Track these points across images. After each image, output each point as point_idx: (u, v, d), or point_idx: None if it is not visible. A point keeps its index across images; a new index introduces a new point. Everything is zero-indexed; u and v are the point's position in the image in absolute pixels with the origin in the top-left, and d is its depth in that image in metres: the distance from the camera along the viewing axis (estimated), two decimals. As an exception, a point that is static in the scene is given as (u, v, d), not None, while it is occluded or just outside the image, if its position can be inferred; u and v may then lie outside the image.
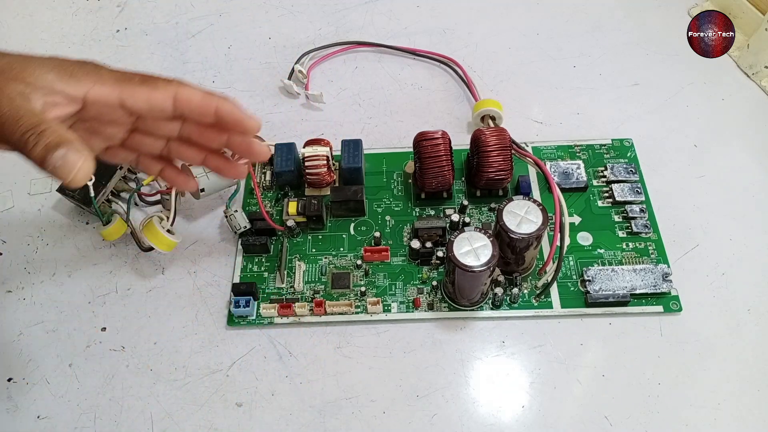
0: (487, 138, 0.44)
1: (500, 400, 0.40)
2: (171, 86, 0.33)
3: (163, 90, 0.33)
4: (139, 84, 0.33)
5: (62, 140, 0.29)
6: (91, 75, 0.32)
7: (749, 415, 0.39)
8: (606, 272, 0.42)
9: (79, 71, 0.32)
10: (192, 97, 0.33)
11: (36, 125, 0.30)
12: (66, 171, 0.29)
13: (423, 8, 0.60)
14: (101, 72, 0.32)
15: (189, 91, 0.33)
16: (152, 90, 0.33)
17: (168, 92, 0.33)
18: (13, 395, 0.41)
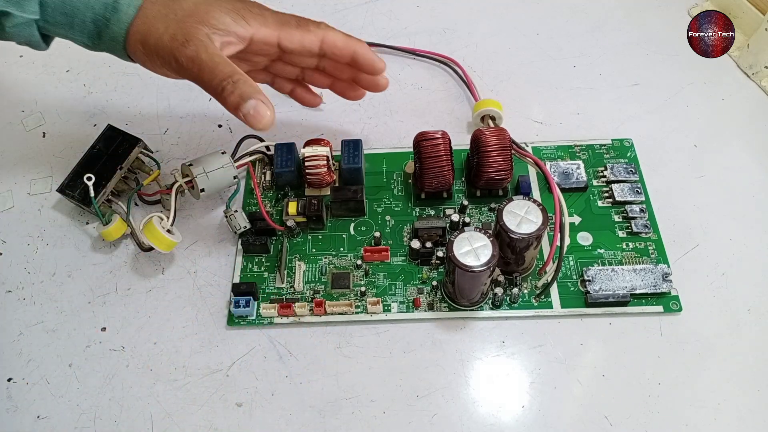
0: (487, 138, 0.44)
1: (500, 400, 0.40)
2: (320, 30, 0.39)
3: (313, 33, 0.39)
4: (295, 27, 0.38)
5: (253, 91, 0.35)
6: (258, 18, 0.37)
7: (749, 415, 0.39)
8: (606, 272, 0.42)
9: (249, 14, 0.37)
10: (337, 41, 0.39)
11: (231, 74, 0.35)
12: (256, 120, 0.36)
13: (423, 8, 0.60)
14: (266, 14, 0.38)
15: (334, 34, 0.39)
16: (305, 33, 0.39)
17: (317, 35, 0.39)
18: (13, 395, 0.41)
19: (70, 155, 0.51)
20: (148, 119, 0.53)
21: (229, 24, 0.36)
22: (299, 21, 0.39)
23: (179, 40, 0.35)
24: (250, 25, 0.37)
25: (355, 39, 0.41)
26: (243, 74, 0.36)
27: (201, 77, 0.36)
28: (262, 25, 0.38)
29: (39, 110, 0.54)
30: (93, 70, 0.57)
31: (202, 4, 0.36)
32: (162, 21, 0.36)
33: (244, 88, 0.35)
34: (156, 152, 0.51)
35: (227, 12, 0.36)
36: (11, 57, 0.58)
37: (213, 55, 0.35)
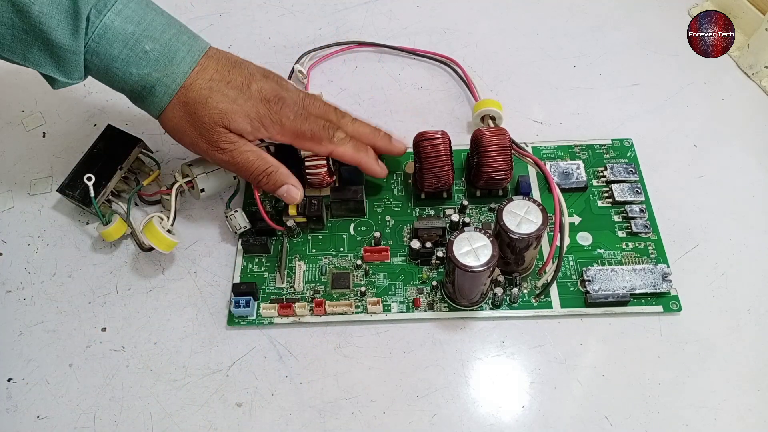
0: (487, 138, 0.44)
1: (500, 400, 0.40)
2: (331, 145, 0.43)
3: (323, 148, 0.43)
4: (309, 140, 0.42)
5: (285, 179, 0.43)
6: (275, 126, 0.41)
7: (749, 415, 0.39)
8: (606, 272, 0.42)
9: (268, 122, 0.41)
10: (344, 156, 0.44)
11: (264, 170, 0.42)
12: (289, 200, 0.43)
13: (423, 8, 0.60)
14: (284, 123, 0.41)
15: (341, 151, 0.43)
16: (316, 146, 0.43)
17: (327, 149, 0.43)
18: (13, 395, 0.41)
19: (70, 155, 0.51)
20: (148, 119, 0.53)
21: (247, 132, 0.41)
22: (314, 134, 0.42)
23: (214, 148, 0.41)
24: (267, 131, 0.41)
25: (363, 151, 0.44)
26: (274, 166, 0.42)
27: (239, 173, 0.43)
28: (277, 133, 0.42)
29: (39, 110, 0.54)
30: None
31: (227, 112, 0.40)
32: (193, 127, 0.40)
33: (276, 178, 0.42)
34: (156, 152, 0.51)
35: (248, 119, 0.40)
36: (11, 57, 0.58)
37: (246, 155, 0.41)
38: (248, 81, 0.41)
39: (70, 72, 0.38)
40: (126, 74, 0.39)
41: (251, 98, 0.40)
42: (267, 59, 0.57)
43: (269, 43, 0.58)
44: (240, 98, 0.40)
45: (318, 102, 0.44)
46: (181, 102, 0.40)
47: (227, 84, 0.40)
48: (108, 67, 0.39)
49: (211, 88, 0.40)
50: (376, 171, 0.45)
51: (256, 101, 0.40)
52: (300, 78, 0.55)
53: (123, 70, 0.39)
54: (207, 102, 0.39)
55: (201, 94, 0.39)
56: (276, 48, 0.58)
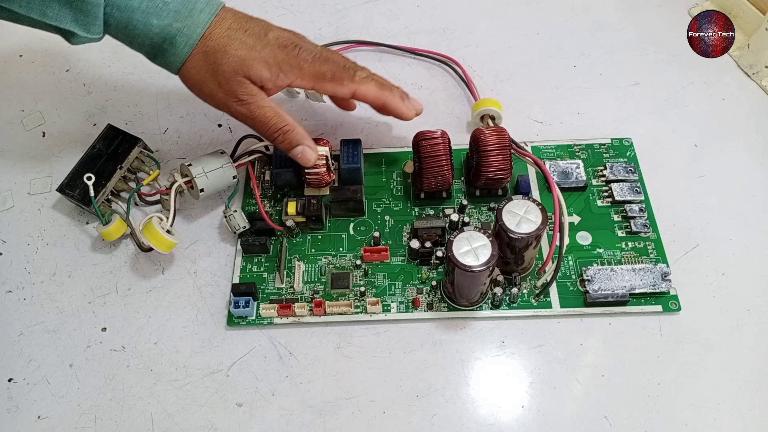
0: (487, 137, 0.44)
1: (500, 400, 0.40)
2: (353, 84, 0.42)
3: (346, 87, 0.42)
4: (329, 80, 0.42)
5: (301, 139, 0.42)
6: (294, 70, 0.41)
7: (749, 415, 0.39)
8: (605, 272, 0.42)
9: (287, 67, 0.41)
10: (368, 94, 0.43)
11: (281, 127, 0.41)
12: (303, 160, 0.43)
13: (423, 8, 0.60)
14: (303, 67, 0.41)
15: (367, 88, 0.43)
16: (338, 86, 0.42)
17: (350, 89, 0.42)
18: (13, 395, 0.41)
19: (70, 155, 0.51)
20: (148, 119, 0.53)
21: (267, 79, 0.40)
22: (335, 74, 0.42)
23: (232, 99, 0.40)
24: (287, 77, 0.41)
25: (387, 89, 0.44)
26: (291, 124, 0.42)
27: (254, 128, 0.42)
28: (297, 77, 0.41)
29: (39, 110, 0.54)
30: (93, 70, 0.57)
31: (245, 59, 0.40)
32: (213, 76, 0.40)
33: (291, 137, 0.42)
34: (156, 152, 0.51)
35: (267, 67, 0.40)
36: (11, 57, 0.58)
37: (263, 110, 0.41)
38: (265, 30, 0.41)
39: (89, 25, 0.38)
40: (147, 26, 0.39)
41: (269, 45, 0.40)
42: (267, 59, 0.57)
43: (269, 43, 0.58)
44: (258, 45, 0.40)
45: (334, 54, 0.43)
46: (201, 52, 0.40)
47: (245, 32, 0.40)
48: (129, 20, 0.39)
49: (229, 37, 0.40)
50: (402, 110, 0.44)
51: (273, 47, 0.40)
52: (300, 78, 0.55)
53: (144, 22, 0.39)
54: (226, 50, 0.39)
55: (220, 42, 0.39)
56: (276, 48, 0.58)
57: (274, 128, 0.41)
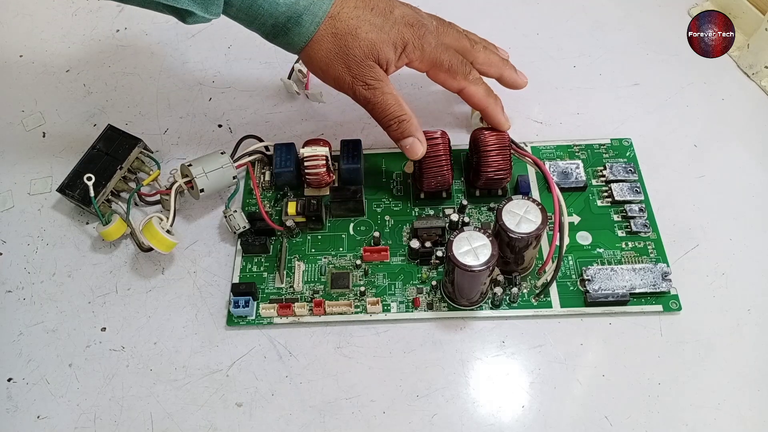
0: (487, 138, 0.44)
1: (500, 400, 0.40)
2: (465, 81, 0.43)
3: (457, 83, 0.43)
4: (445, 71, 0.42)
5: (413, 130, 0.42)
6: (416, 52, 0.41)
7: (749, 415, 0.39)
8: (605, 271, 0.42)
9: (411, 47, 0.41)
10: (474, 95, 0.44)
11: (398, 116, 0.41)
12: (411, 153, 0.42)
13: (423, 8, 0.60)
14: (425, 49, 0.41)
15: (475, 90, 0.43)
16: (449, 79, 0.43)
17: (460, 86, 0.43)
18: (13, 395, 0.41)
19: (70, 155, 0.51)
20: (148, 119, 0.53)
21: (391, 61, 0.41)
22: (452, 64, 0.42)
23: (360, 83, 0.41)
24: (408, 57, 0.42)
25: (493, 97, 0.45)
26: (408, 114, 0.42)
27: (373, 113, 0.42)
28: (417, 60, 0.42)
29: (39, 110, 0.54)
30: (93, 70, 0.57)
31: (376, 42, 0.40)
32: (342, 60, 0.40)
33: (406, 128, 0.42)
34: (156, 152, 0.51)
35: (393, 47, 0.40)
36: (11, 57, 0.58)
37: (386, 96, 0.41)
38: (390, 6, 0.41)
39: (209, 4, 0.38)
40: (273, 4, 0.38)
41: (396, 24, 0.40)
42: (267, 59, 0.57)
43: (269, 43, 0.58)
44: (386, 25, 0.40)
45: (451, 30, 0.44)
46: (330, 33, 0.39)
47: (371, 11, 0.40)
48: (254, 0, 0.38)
49: (358, 17, 0.39)
50: (501, 121, 0.45)
51: (401, 26, 0.40)
52: (300, 77, 0.55)
53: (270, 1, 0.38)
54: (357, 33, 0.39)
55: (350, 24, 0.39)
56: (276, 48, 0.58)
57: (392, 116, 0.41)
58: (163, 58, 0.58)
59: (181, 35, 0.59)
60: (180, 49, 0.58)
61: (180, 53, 0.58)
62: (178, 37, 0.59)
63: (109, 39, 0.59)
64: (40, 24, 0.61)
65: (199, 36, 0.59)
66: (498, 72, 0.46)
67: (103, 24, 0.61)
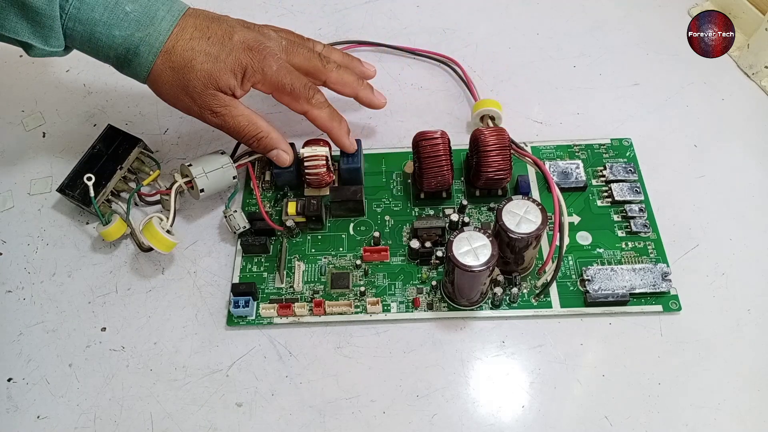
0: (487, 138, 0.44)
1: (500, 400, 0.40)
2: (307, 105, 0.44)
3: (300, 106, 0.44)
4: (288, 94, 0.43)
5: (274, 144, 0.44)
6: (257, 75, 0.42)
7: (749, 415, 0.39)
8: (605, 272, 0.42)
9: (251, 72, 0.41)
10: (317, 119, 0.45)
11: (255, 135, 0.43)
12: (279, 162, 0.45)
13: (423, 8, 0.60)
14: (265, 74, 0.42)
15: (316, 114, 0.44)
16: (293, 102, 0.44)
17: (303, 109, 0.44)
18: (13, 395, 0.41)
19: (70, 155, 0.51)
20: (148, 119, 0.53)
21: (234, 86, 0.42)
22: (294, 87, 0.43)
23: (207, 112, 0.42)
24: (250, 81, 0.42)
25: (336, 121, 0.45)
26: (264, 131, 0.43)
27: (231, 135, 0.44)
28: (259, 83, 0.42)
29: (39, 110, 0.54)
30: (93, 70, 0.57)
31: (212, 72, 0.40)
32: (185, 92, 0.41)
33: (266, 143, 0.44)
34: (156, 152, 0.51)
35: (233, 74, 0.41)
36: (11, 57, 0.58)
37: (237, 119, 0.42)
38: (230, 33, 0.41)
39: (48, 38, 0.39)
40: (109, 38, 0.39)
41: (234, 50, 0.41)
42: (267, 59, 0.57)
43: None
44: (222, 53, 0.41)
45: (302, 50, 0.44)
46: (167, 67, 0.40)
47: (208, 40, 0.41)
48: (91, 33, 0.39)
49: (193, 49, 0.40)
50: (345, 144, 0.46)
51: (239, 52, 0.41)
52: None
53: (106, 34, 0.39)
54: (192, 65, 0.40)
55: (185, 57, 0.40)
56: (276, 48, 0.58)
57: (248, 136, 0.43)
58: (163, 58, 0.58)
59: (181, 35, 0.59)
60: (180, 49, 0.58)
61: (180, 53, 0.58)
62: (178, 37, 0.59)
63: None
64: (40, 24, 0.61)
65: (199, 36, 0.59)
66: (353, 92, 0.47)
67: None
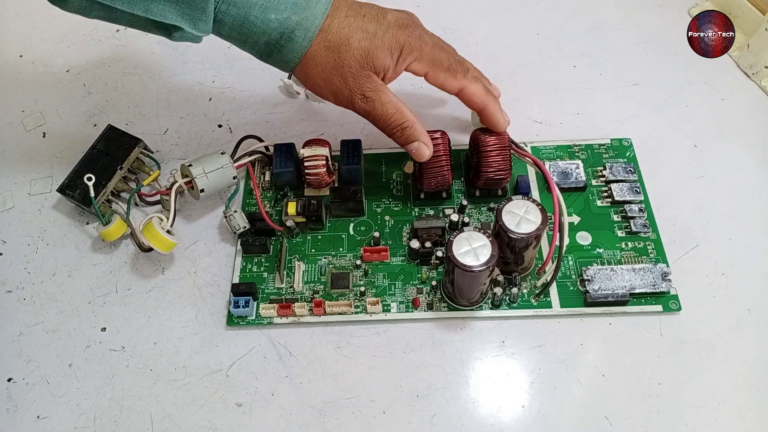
0: (487, 138, 0.44)
1: (500, 400, 0.40)
2: (465, 80, 0.42)
3: (457, 81, 0.42)
4: (445, 69, 0.42)
5: (417, 135, 0.42)
6: (414, 53, 0.40)
7: (749, 415, 0.39)
8: (605, 272, 0.42)
9: (408, 49, 0.40)
10: (473, 96, 0.43)
11: (401, 123, 0.41)
12: (418, 156, 0.43)
13: (423, 8, 0.60)
14: (423, 49, 0.41)
15: (475, 88, 0.43)
16: (450, 77, 0.42)
17: (460, 84, 0.42)
18: (13, 395, 0.41)
19: (70, 155, 0.51)
20: (148, 119, 0.53)
21: (389, 67, 0.40)
22: (451, 63, 0.42)
23: (358, 96, 0.40)
24: (406, 60, 0.41)
25: (492, 96, 0.44)
26: (410, 120, 0.41)
27: (375, 123, 0.42)
28: (416, 60, 0.41)
29: (39, 110, 0.54)
30: (93, 70, 0.57)
31: (370, 50, 0.39)
32: (338, 73, 0.39)
33: (409, 134, 0.42)
34: (156, 152, 0.51)
35: (390, 53, 0.40)
36: (11, 57, 0.58)
37: (386, 107, 0.41)
38: (383, 11, 0.40)
39: (197, 20, 0.37)
40: (264, 21, 0.38)
41: (390, 28, 0.40)
42: (267, 59, 0.57)
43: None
44: (379, 31, 0.39)
45: (446, 46, 0.43)
46: (322, 47, 0.39)
47: (363, 18, 0.39)
48: (246, 16, 0.37)
49: (350, 26, 0.39)
50: (500, 121, 0.44)
51: (395, 29, 0.40)
52: (300, 78, 0.55)
53: (261, 18, 0.37)
54: (350, 43, 0.39)
55: (342, 35, 0.38)
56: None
57: (394, 125, 0.41)
58: (163, 58, 0.58)
59: (181, 35, 0.59)
60: (180, 49, 0.58)
61: (180, 53, 0.58)
62: (178, 37, 0.59)
63: (109, 39, 0.59)
64: (40, 24, 0.61)
65: (199, 36, 0.59)
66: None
67: (103, 24, 0.60)
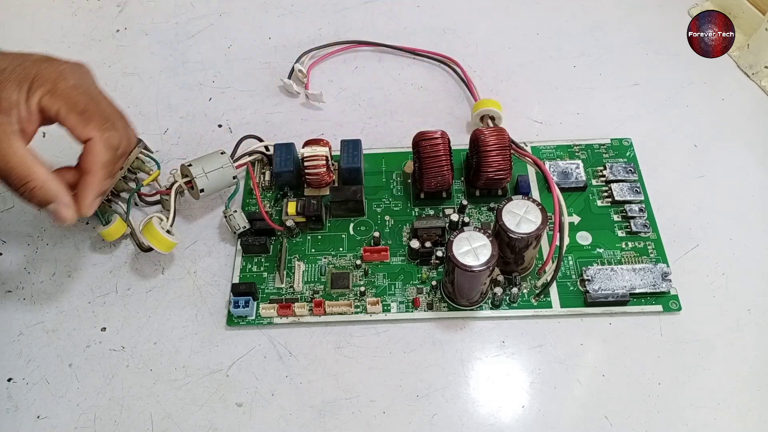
0: (487, 138, 0.44)
1: (500, 400, 0.40)
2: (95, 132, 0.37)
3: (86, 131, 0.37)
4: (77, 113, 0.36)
5: (50, 197, 0.35)
6: (46, 85, 0.35)
7: (749, 415, 0.39)
8: (605, 272, 0.42)
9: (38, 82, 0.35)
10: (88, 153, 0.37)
11: (25, 179, 0.34)
12: (58, 220, 0.36)
13: (423, 8, 0.60)
14: (57, 84, 0.35)
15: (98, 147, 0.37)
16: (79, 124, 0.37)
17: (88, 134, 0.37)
18: (13, 395, 0.41)
19: (71, 155, 0.51)
20: (148, 119, 0.53)
21: (19, 102, 0.34)
22: (89, 110, 0.36)
23: None
24: (36, 94, 0.35)
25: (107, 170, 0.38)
26: (39, 180, 0.35)
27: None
28: (48, 94, 0.35)
29: (39, 110, 0.54)
30: (93, 70, 0.57)
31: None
32: None
33: (40, 195, 0.35)
34: (156, 152, 0.51)
35: (18, 86, 0.34)
36: (11, 57, 0.58)
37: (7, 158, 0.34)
38: (31, 54, 0.36)
39: None
40: None
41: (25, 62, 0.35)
42: (267, 59, 0.57)
43: (269, 43, 0.58)
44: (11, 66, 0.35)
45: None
46: None
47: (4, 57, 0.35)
48: None
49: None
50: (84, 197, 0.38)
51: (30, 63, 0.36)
52: (300, 77, 0.55)
53: None
54: None
55: None
56: (276, 48, 0.58)
57: (18, 183, 0.34)
58: (163, 58, 0.58)
59: (181, 35, 0.59)
60: (180, 49, 0.58)
61: (180, 53, 0.58)
62: (178, 37, 0.59)
63: (109, 39, 0.59)
64: (40, 24, 0.61)
65: (199, 36, 0.59)
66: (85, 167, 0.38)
67: (103, 24, 0.61)
